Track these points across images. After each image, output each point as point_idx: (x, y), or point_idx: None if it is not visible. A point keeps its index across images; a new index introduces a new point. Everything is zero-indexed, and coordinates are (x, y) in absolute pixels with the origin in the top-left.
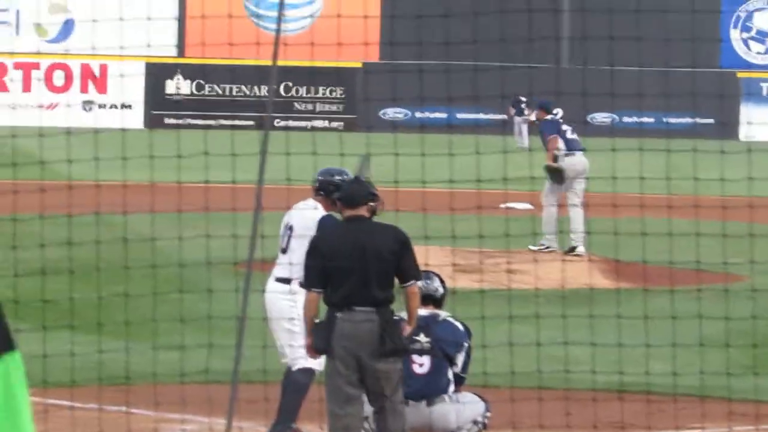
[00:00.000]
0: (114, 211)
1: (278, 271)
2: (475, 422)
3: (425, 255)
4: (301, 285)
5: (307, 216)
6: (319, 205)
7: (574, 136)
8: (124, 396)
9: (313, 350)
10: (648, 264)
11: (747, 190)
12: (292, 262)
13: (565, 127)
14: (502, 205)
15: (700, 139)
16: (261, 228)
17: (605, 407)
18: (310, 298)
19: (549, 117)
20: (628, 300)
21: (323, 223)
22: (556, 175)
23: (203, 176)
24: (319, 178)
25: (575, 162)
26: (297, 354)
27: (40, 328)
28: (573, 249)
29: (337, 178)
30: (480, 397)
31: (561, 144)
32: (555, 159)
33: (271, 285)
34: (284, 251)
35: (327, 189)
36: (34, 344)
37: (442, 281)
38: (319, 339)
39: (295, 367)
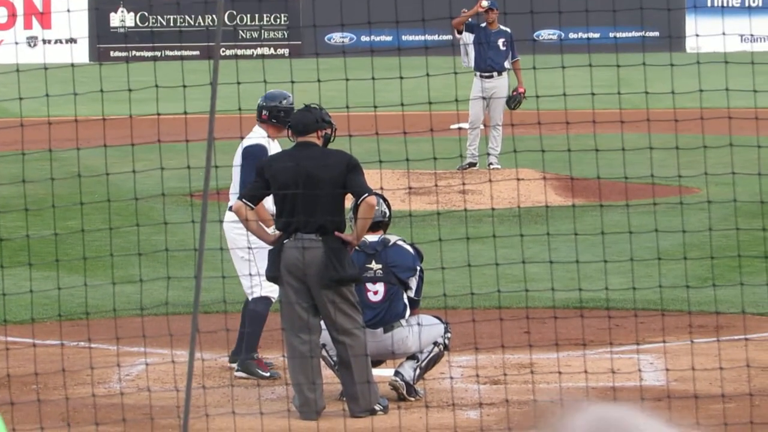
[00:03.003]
0: (66, 146)
1: (231, 201)
2: (435, 344)
3: (379, 179)
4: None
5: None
6: (265, 133)
7: None
8: (85, 331)
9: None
10: (602, 179)
11: (698, 102)
12: (232, 192)
13: None
14: (453, 126)
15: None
16: (214, 158)
17: (566, 324)
18: (237, 205)
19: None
20: (584, 216)
21: (249, 152)
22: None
23: (154, 108)
24: (270, 104)
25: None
26: (251, 284)
27: None
28: (475, 165)
29: (284, 102)
30: (439, 319)
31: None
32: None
33: (226, 215)
34: None
35: (277, 116)
36: None
37: (387, 204)
38: (269, 266)
39: (250, 297)
